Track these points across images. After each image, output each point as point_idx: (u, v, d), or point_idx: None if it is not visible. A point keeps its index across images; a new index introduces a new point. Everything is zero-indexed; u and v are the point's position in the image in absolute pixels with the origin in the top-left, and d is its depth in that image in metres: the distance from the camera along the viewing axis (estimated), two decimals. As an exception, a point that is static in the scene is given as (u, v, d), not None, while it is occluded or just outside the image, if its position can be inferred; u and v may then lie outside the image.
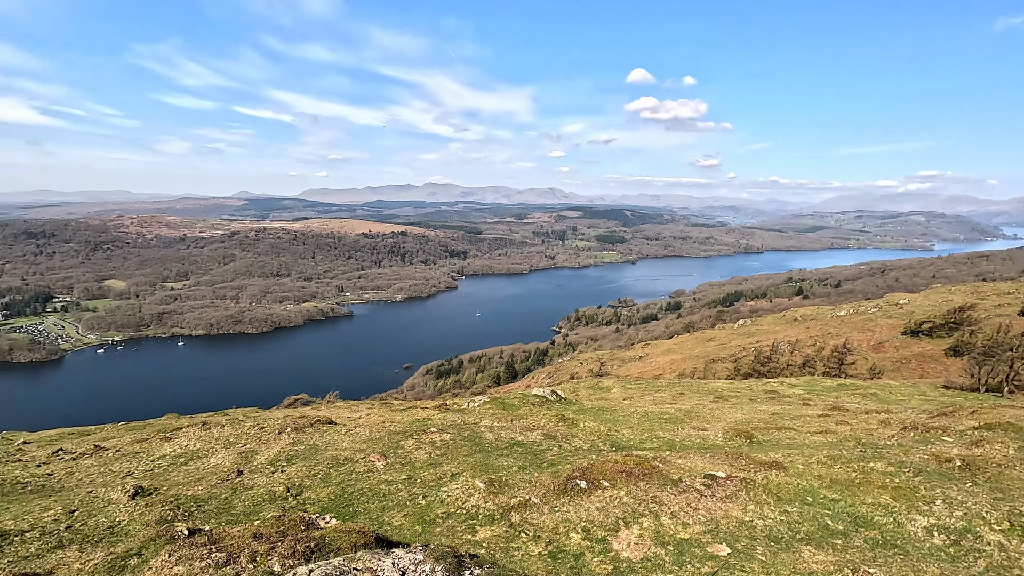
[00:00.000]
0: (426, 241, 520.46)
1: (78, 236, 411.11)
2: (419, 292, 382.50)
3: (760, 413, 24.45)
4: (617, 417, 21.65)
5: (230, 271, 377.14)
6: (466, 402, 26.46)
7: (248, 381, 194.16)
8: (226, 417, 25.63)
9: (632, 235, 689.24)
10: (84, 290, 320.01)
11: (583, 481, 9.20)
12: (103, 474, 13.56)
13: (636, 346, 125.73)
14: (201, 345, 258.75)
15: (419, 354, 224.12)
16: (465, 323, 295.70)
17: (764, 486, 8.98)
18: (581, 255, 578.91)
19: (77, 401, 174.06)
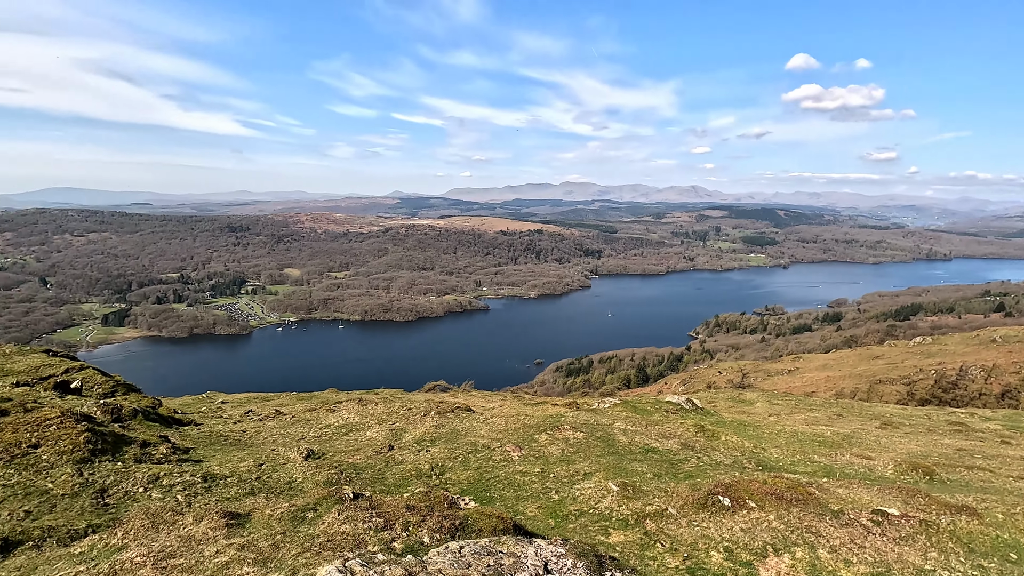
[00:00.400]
0: (561, 239, 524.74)
1: (266, 230, 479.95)
2: (552, 290, 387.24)
3: (941, 447, 21.08)
4: (762, 434, 20.04)
5: (383, 264, 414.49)
6: (596, 402, 26.30)
7: (394, 364, 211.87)
8: (377, 396, 28.31)
9: (785, 237, 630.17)
10: (269, 276, 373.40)
11: (726, 498, 8.67)
12: (282, 436, 15.75)
13: (785, 358, 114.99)
14: (357, 329, 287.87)
15: (549, 351, 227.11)
16: (596, 323, 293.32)
17: (951, 532, 7.73)
18: (724, 257, 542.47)
19: (260, 370, 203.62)
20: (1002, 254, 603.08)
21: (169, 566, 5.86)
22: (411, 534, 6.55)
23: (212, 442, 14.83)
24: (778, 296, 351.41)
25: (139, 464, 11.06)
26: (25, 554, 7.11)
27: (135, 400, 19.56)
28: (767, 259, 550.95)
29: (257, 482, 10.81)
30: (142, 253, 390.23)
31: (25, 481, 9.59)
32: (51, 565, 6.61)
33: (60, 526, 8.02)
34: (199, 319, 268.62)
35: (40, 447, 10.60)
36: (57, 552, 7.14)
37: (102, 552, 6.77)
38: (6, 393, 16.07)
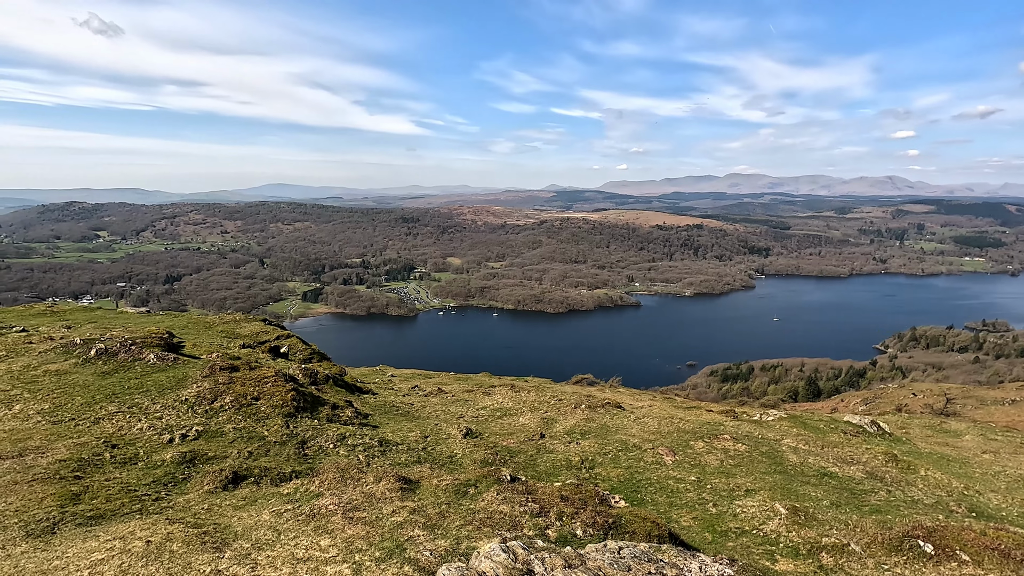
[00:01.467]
0: (723, 235, 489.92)
1: (433, 222, 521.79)
2: (710, 288, 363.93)
3: None
4: (972, 473, 16.80)
5: (536, 255, 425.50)
6: (757, 414, 24.25)
7: (543, 354, 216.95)
8: (528, 383, 29.22)
9: (1015, 237, 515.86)
10: (434, 264, 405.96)
11: (928, 544, 7.38)
12: (444, 412, 17.05)
13: (1008, 385, 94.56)
14: (509, 318, 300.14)
15: (703, 353, 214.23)
16: (759, 327, 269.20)
17: None
18: (927, 260, 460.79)
19: (423, 349, 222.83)
20: None
21: (355, 517, 6.69)
22: (564, 524, 6.65)
23: (386, 411, 16.59)
24: (1001, 309, 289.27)
25: (330, 423, 12.81)
26: (248, 487, 8.65)
27: (327, 367, 22.65)
28: (988, 264, 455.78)
29: (423, 452, 11.84)
30: (334, 240, 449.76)
31: (248, 427, 11.65)
32: (267, 500, 7.95)
33: (272, 468, 9.61)
34: (375, 300, 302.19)
35: (260, 400, 12.78)
36: (271, 490, 8.57)
37: (304, 496, 7.97)
38: (236, 352, 19.65)
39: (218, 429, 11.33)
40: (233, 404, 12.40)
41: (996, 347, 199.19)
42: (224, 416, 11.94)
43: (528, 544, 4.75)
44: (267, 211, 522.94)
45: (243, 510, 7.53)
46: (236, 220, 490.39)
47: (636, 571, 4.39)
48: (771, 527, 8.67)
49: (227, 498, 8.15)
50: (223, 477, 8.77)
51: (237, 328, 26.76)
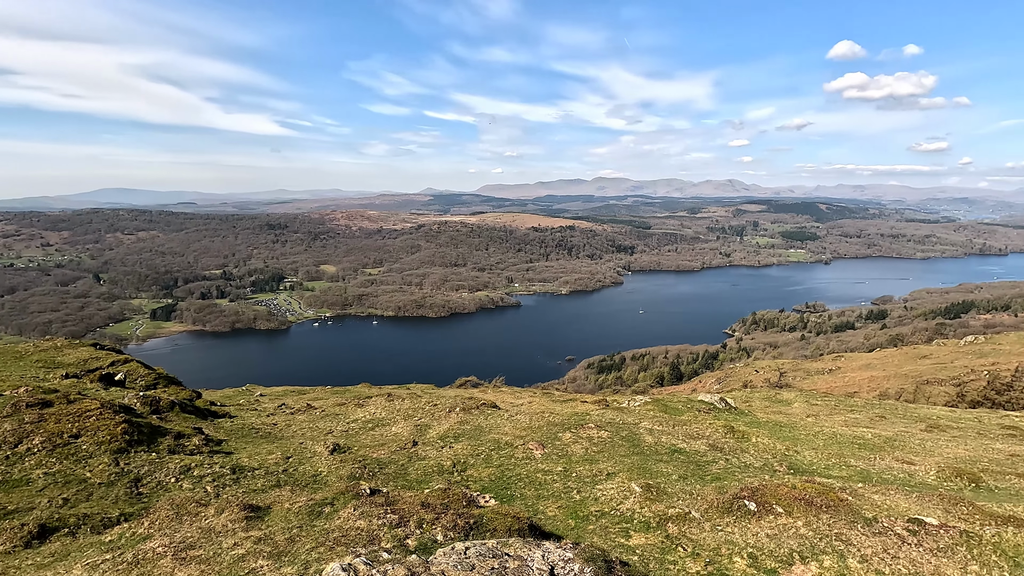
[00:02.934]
0: (593, 235, 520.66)
1: (303, 228, 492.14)
2: (584, 286, 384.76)
3: (992, 452, 19.97)
4: (798, 436, 19.39)
5: (416, 260, 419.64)
6: (627, 400, 25.96)
7: (427, 360, 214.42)
8: (407, 391, 28.63)
9: (827, 231, 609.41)
10: (306, 272, 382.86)
11: (752, 502, 8.38)
12: (312, 429, 16.07)
13: (826, 357, 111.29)
14: (390, 325, 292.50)
15: (581, 347, 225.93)
16: (629, 320, 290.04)
17: (995, 544, 7.27)
18: (762, 253, 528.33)
19: (298, 364, 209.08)
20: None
21: (188, 557, 6.01)
22: (425, 531, 6.54)
23: (244, 434, 15.24)
24: (819, 293, 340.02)
25: (172, 455, 11.45)
26: (60, 540, 7.42)
27: (174, 392, 20.29)
28: (808, 255, 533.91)
29: (284, 475, 11.04)
30: (187, 250, 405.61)
31: (65, 470, 10.03)
32: (82, 552, 6.86)
33: (95, 514, 8.35)
34: (240, 314, 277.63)
35: (80, 437, 11.06)
36: (90, 539, 7.43)
37: (128, 541, 7.01)
38: (54, 384, 16.88)
39: (23, 477, 9.62)
40: (45, 445, 10.61)
41: (816, 325, 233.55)
42: (32, 461, 10.17)
43: (372, 559, 4.58)
44: (102, 219, 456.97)
45: (48, 568, 6.43)
46: (62, 230, 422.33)
47: (480, 568, 4.42)
48: (627, 505, 9.28)
49: (29, 556, 6.92)
50: (25, 533, 7.43)
51: (59, 356, 23.05)
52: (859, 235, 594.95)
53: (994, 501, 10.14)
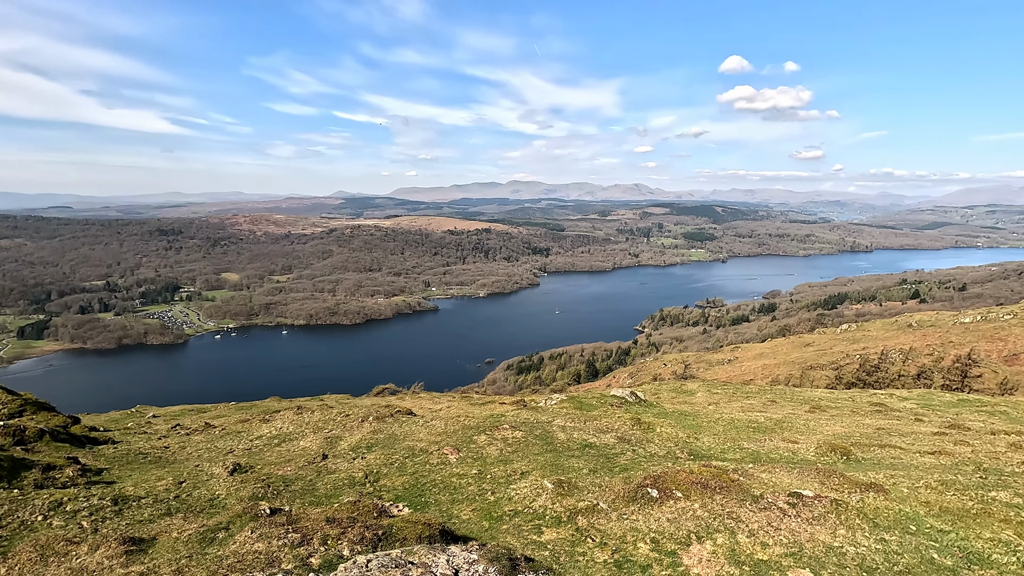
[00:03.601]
0: (509, 238, 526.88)
1: (201, 233, 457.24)
2: (502, 288, 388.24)
3: (862, 427, 22.40)
4: (700, 423, 20.70)
5: (328, 266, 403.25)
6: (543, 400, 26.46)
7: (342, 369, 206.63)
8: (318, 403, 27.42)
9: (723, 232, 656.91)
10: (205, 281, 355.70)
11: (654, 489, 8.84)
12: (209, 450, 14.94)
13: (725, 349, 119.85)
14: (302, 334, 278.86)
15: (501, 349, 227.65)
16: (547, 320, 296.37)
17: (859, 509, 8.16)
18: (667, 253, 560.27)
19: (198, 380, 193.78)
20: (916, 245, 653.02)
21: (54, 602, 5.37)
22: (330, 548, 6.29)
23: (130, 461, 13.89)
24: (718, 289, 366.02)
25: (39, 490, 10.18)
26: None
27: (44, 419, 18.11)
28: (707, 254, 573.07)
29: (175, 502, 10.17)
30: (62, 260, 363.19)
31: (-100, 517, 8.62)
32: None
33: (-62, 565, 7.24)
34: (128, 329, 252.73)
35: (-80, 478, 9.57)
36: (-70, 595, 6.44)
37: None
38: None
39: None
40: None
41: (716, 319, 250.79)
42: None
43: (265, 582, 4.34)
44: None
45: None
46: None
47: (381, 581, 4.33)
48: (540, 502, 9.46)
49: None
50: None
51: None
52: (751, 235, 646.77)
53: (860, 471, 11.40)
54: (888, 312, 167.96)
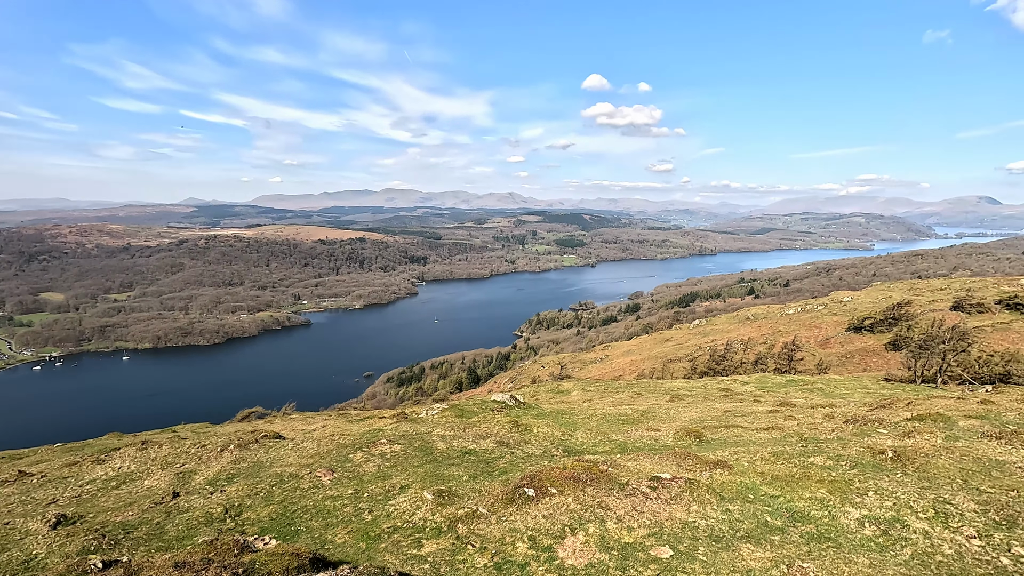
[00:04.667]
0: (385, 247, 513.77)
1: (11, 246, 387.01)
2: (379, 299, 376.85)
3: (713, 411, 25.00)
4: (575, 420, 21.73)
5: (178, 281, 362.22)
6: (424, 410, 26.07)
7: (200, 396, 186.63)
8: (169, 435, 24.43)
9: (591, 239, 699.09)
10: (18, 304, 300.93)
11: (531, 489, 9.11)
12: (24, 503, 12.62)
13: (597, 348, 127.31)
14: (148, 359, 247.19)
15: (380, 362, 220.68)
16: (427, 329, 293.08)
17: (708, 486, 9.10)
18: (541, 259, 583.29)
19: (9, 423, 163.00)
20: (750, 248, 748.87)
21: None
22: (180, 596, 5.61)
23: (-91, 528, 11.24)
24: (589, 292, 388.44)
25: None
26: None
27: None
28: (578, 259, 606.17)
29: (-25, 571, 8.43)
30: None
31: None
32: None
33: None
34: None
35: None
36: None
37: None
38: None
39: None
40: None
41: (588, 321, 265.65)
42: None
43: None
44: None
45: None
46: None
47: (237, 624, 3.97)
48: (420, 515, 9.30)
49: None
50: None
51: None
52: (616, 241, 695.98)
53: (710, 451, 12.72)
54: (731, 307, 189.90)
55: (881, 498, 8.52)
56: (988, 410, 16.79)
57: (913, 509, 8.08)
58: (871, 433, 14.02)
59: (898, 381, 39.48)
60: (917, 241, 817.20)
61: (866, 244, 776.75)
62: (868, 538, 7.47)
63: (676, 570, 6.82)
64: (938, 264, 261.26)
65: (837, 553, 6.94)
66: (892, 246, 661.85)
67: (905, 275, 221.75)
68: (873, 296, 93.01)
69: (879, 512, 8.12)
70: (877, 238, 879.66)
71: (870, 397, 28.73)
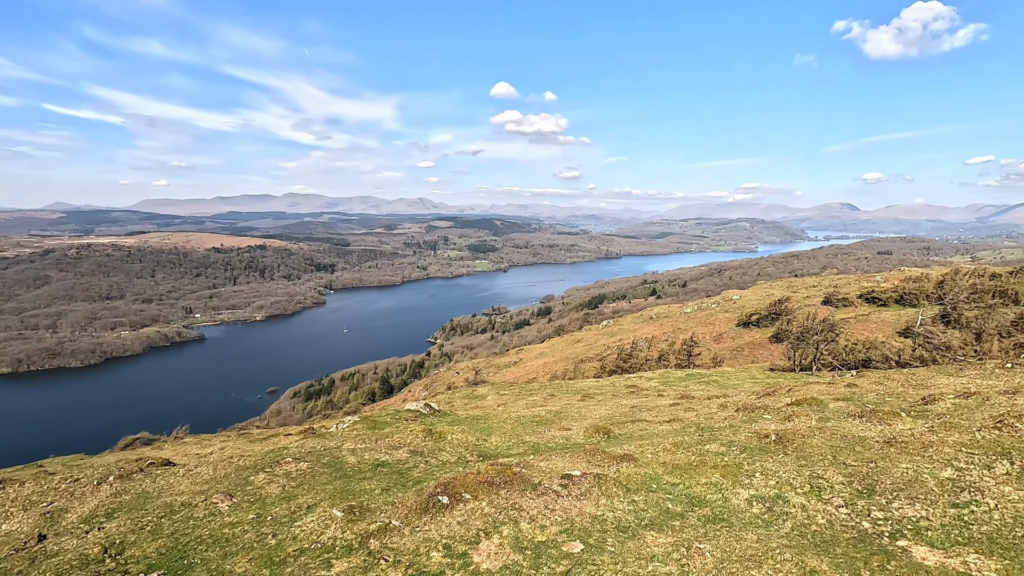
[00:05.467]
0: (288, 255, 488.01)
1: None
2: (282, 310, 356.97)
3: (621, 408, 26.14)
4: (490, 425, 21.82)
5: (43, 296, 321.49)
6: (334, 424, 25.03)
7: (75, 424, 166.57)
8: (34, 470, 21.56)
9: (503, 244, 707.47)
10: None
11: (445, 496, 9.04)
12: None
13: (511, 352, 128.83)
14: (6, 385, 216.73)
15: (286, 376, 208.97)
16: (337, 339, 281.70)
17: (615, 479, 9.51)
18: (454, 265, 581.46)
19: None
20: (651, 251, 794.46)
21: None
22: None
23: None
24: (502, 297, 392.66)
25: None
26: None
27: None
28: (490, 264, 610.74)
29: None
30: None
31: None
32: None
33: None
34: None
35: None
36: None
37: None
38: None
39: None
40: None
41: (502, 325, 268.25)
42: None
43: None
44: None
45: None
46: None
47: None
48: (329, 534, 8.91)
49: None
50: None
51: None
52: (527, 246, 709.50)
53: (617, 445, 13.31)
54: (636, 308, 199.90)
55: (766, 478, 9.35)
56: (853, 392, 18.99)
57: (792, 486, 8.95)
58: (758, 419, 15.34)
59: (781, 370, 43.58)
60: (793, 243, 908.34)
61: (751, 246, 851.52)
62: (755, 515, 8.17)
63: (587, 563, 7.06)
64: (811, 264, 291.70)
65: (729, 532, 7.52)
66: (773, 248, 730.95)
67: (784, 274, 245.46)
68: (758, 294, 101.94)
69: (764, 491, 8.90)
70: (760, 241, 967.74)
71: (757, 386, 31.41)
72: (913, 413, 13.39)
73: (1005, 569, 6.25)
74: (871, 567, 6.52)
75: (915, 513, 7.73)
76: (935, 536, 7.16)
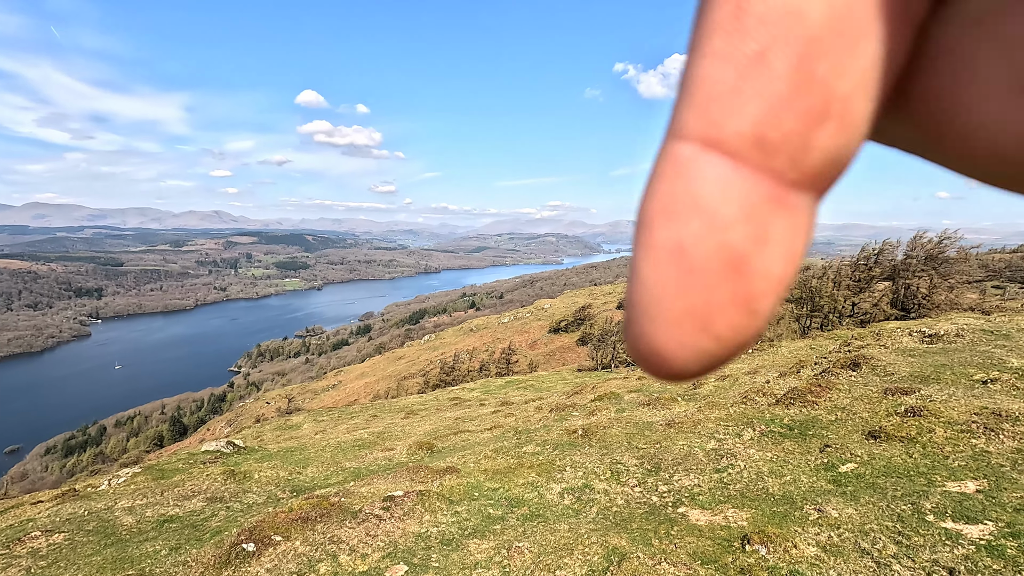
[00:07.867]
0: (35, 278, 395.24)
1: None
2: (27, 347, 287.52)
3: (445, 421, 26.29)
4: (307, 455, 20.20)
5: None
6: (106, 480, 20.80)
7: None
8: None
9: (316, 260, 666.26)
10: None
11: (251, 543, 8.08)
12: None
13: (329, 375, 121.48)
14: None
15: (32, 430, 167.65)
16: (105, 379, 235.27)
17: (439, 493, 9.51)
18: (259, 284, 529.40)
19: None
20: (469, 265, 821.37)
21: None
22: None
23: None
24: (318, 316, 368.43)
25: None
26: None
27: None
28: (302, 282, 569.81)
29: None
30: None
31: None
32: None
33: None
34: None
35: None
36: None
37: None
38: None
39: None
40: None
41: (318, 347, 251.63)
42: None
43: None
44: None
45: None
46: None
47: None
48: (96, 617, 7.33)
49: None
50: None
51: None
52: (342, 262, 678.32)
53: (440, 459, 13.34)
54: (457, 321, 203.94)
55: (575, 470, 10.21)
56: (643, 384, 21.83)
57: (597, 474, 9.91)
58: (567, 417, 16.73)
59: (587, 370, 48.26)
60: (592, 256, 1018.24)
61: (558, 259, 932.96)
62: (567, 507, 8.86)
63: (411, 584, 6.91)
64: (607, 273, 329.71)
65: (545, 526, 8.02)
66: (576, 260, 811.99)
67: (586, 283, 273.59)
68: (565, 302, 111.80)
69: (574, 482, 9.71)
70: (565, 254, 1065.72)
71: (568, 386, 34.29)
72: (686, 397, 15.88)
73: (752, 517, 7.72)
74: (659, 535, 7.51)
75: (690, 482, 9.13)
76: (705, 499, 8.55)
